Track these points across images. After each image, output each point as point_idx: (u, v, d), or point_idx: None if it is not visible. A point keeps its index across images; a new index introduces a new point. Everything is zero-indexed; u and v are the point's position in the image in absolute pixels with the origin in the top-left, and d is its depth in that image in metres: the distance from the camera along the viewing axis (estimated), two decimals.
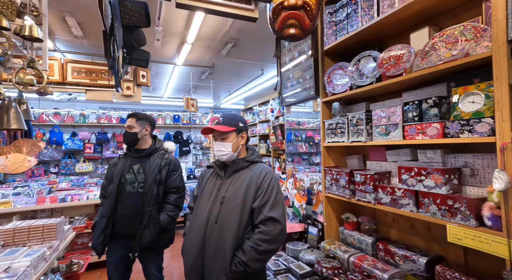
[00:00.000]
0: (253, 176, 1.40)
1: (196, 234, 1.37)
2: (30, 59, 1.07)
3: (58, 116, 6.20)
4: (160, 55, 3.74)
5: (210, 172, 1.56)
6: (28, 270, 1.52)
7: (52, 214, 3.70)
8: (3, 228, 1.93)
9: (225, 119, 1.46)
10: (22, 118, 1.12)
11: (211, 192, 1.44)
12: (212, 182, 1.49)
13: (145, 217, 1.90)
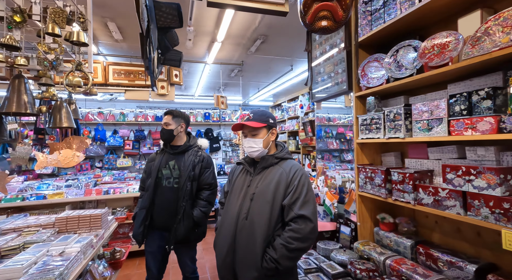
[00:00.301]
0: (283, 173, 1.39)
1: (227, 229, 1.39)
2: (78, 62, 1.17)
3: (102, 115, 6.73)
4: (192, 54, 3.86)
5: (240, 169, 1.56)
6: (79, 255, 1.67)
7: (98, 205, 4.04)
8: (58, 216, 2.14)
9: (255, 116, 1.45)
10: (72, 117, 1.23)
11: (241, 188, 1.45)
12: (242, 178, 1.50)
13: (180, 212, 1.98)
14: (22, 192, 3.74)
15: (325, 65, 2.41)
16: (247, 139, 1.46)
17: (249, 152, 1.45)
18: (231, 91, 6.51)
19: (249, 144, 1.44)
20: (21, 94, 1.05)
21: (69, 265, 1.52)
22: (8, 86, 1.04)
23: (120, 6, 2.54)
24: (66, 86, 1.17)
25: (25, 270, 1.41)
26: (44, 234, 1.92)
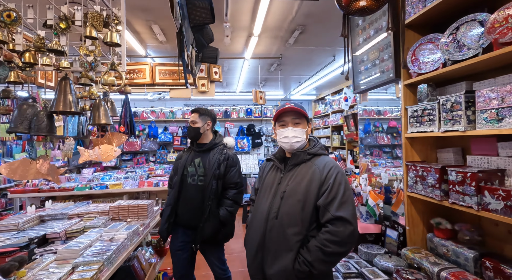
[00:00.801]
0: (316, 170, 1.28)
1: (257, 228, 1.34)
2: (112, 62, 1.26)
3: (154, 113, 7.33)
4: (230, 50, 3.90)
5: (270, 165, 1.49)
6: (125, 242, 1.83)
7: (150, 196, 4.41)
8: (112, 205, 2.39)
9: (296, 105, 1.35)
10: (109, 114, 1.34)
11: (271, 186, 1.37)
12: (272, 175, 1.42)
13: (206, 211, 1.96)
14: (90, 182, 4.28)
15: (369, 52, 2.18)
16: (288, 128, 1.33)
17: (292, 143, 1.32)
18: (272, 86, 6.44)
19: (293, 134, 1.31)
20: (66, 94, 1.18)
21: (116, 250, 1.67)
22: (56, 87, 1.18)
23: (161, 9, 2.67)
24: (102, 85, 1.27)
25: (81, 252, 1.59)
26: (100, 221, 2.15)
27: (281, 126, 1.36)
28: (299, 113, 1.35)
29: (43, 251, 1.69)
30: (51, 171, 1.47)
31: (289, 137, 1.31)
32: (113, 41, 1.16)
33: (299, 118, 1.34)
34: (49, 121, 1.24)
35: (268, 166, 1.50)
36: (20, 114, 1.21)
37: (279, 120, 1.37)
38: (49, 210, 2.43)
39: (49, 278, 1.33)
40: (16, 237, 1.78)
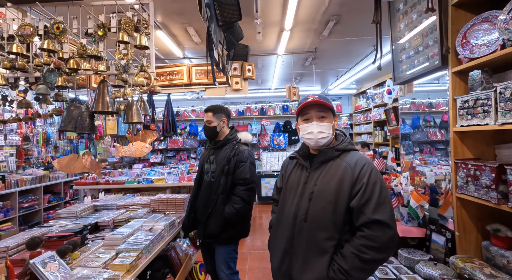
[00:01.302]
0: (347, 168, 1.18)
1: (283, 231, 1.26)
2: (141, 64, 1.35)
3: (194, 112, 7.70)
4: (263, 47, 3.88)
5: (294, 163, 1.38)
6: (163, 233, 1.96)
7: (189, 190, 4.65)
8: (152, 198, 2.58)
9: (321, 97, 1.24)
10: (141, 113, 1.44)
11: (297, 186, 1.28)
12: (297, 174, 1.32)
13: (210, 206, 1.95)
14: (138, 177, 4.67)
15: (411, 38, 1.98)
16: (312, 123, 1.22)
17: (317, 139, 1.22)
18: (308, 81, 6.26)
19: (318, 129, 1.21)
20: (104, 96, 1.31)
21: (154, 240, 1.79)
22: (96, 90, 1.31)
23: (194, 11, 2.76)
24: (133, 86, 1.37)
25: (124, 240, 1.74)
26: (142, 212, 2.34)
27: (305, 120, 1.26)
28: (324, 106, 1.23)
29: (94, 237, 1.89)
30: (93, 166, 1.65)
31: (314, 133, 1.21)
32: (142, 44, 1.24)
33: (324, 112, 1.23)
34: (91, 121, 1.39)
35: (292, 164, 1.40)
36: (68, 115, 1.38)
37: (302, 114, 1.27)
38: (102, 201, 2.72)
39: (97, 261, 1.49)
40: (74, 223, 2.04)
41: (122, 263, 1.43)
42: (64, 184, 5.71)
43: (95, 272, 1.35)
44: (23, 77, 1.35)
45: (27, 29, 1.22)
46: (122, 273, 1.37)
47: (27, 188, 4.69)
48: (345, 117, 7.73)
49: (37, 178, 4.95)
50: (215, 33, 1.73)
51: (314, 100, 1.22)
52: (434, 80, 2.69)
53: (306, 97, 1.26)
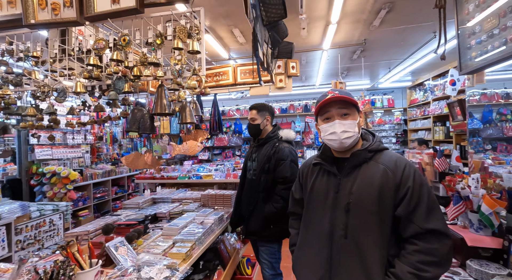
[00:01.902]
0: (386, 171, 1.03)
1: (317, 252, 1.09)
2: (193, 68, 1.44)
3: (239, 111, 7.93)
4: (307, 43, 3.79)
5: (317, 170, 1.20)
6: (213, 226, 2.07)
7: (235, 187, 4.82)
8: (202, 193, 2.74)
9: (342, 92, 1.10)
10: (193, 114, 1.54)
11: (326, 196, 1.12)
12: (323, 182, 1.15)
13: (252, 203, 1.99)
14: (188, 173, 5.01)
15: (483, 21, 1.73)
16: (334, 122, 1.07)
17: (342, 140, 1.06)
18: (355, 75, 5.92)
19: (342, 128, 1.06)
20: (162, 99, 1.44)
21: (205, 232, 1.91)
22: (155, 93, 1.45)
23: (240, 12, 2.84)
24: (186, 89, 1.47)
25: (179, 231, 1.89)
26: (194, 206, 2.51)
27: (326, 120, 1.11)
28: (347, 102, 1.08)
29: (154, 227, 2.10)
30: (153, 162, 1.83)
31: (338, 133, 1.06)
32: (194, 49, 1.33)
33: (347, 108, 1.08)
34: (151, 122, 1.55)
35: (314, 171, 1.22)
36: (133, 117, 1.56)
37: (322, 113, 1.11)
38: (159, 194, 2.99)
39: (157, 249, 1.65)
40: (137, 213, 2.28)
41: (178, 252, 1.56)
42: (127, 178, 6.42)
43: (157, 258, 1.50)
44: (98, 85, 1.58)
45: (100, 43, 1.42)
46: (179, 261, 1.49)
47: (99, 181, 5.40)
48: (398, 112, 7.11)
49: (106, 172, 5.67)
50: (260, 33, 1.75)
51: (334, 96, 1.06)
52: (510, 66, 2.34)
53: (325, 94, 1.11)
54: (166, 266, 1.42)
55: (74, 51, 1.54)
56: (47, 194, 4.41)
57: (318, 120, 1.16)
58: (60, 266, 1.05)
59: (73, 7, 1.37)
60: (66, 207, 3.47)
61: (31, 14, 1.38)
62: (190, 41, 1.40)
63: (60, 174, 4.40)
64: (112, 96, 1.50)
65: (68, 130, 5.21)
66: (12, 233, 2.68)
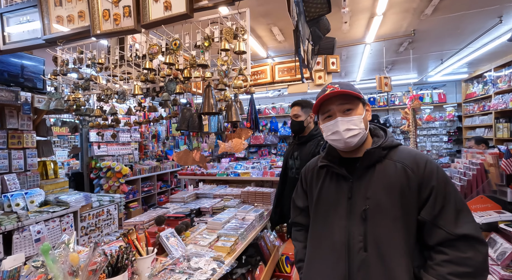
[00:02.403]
0: (405, 169, 0.90)
1: (331, 267, 0.94)
2: (240, 68, 1.47)
3: (274, 109, 7.94)
4: (349, 37, 3.63)
5: (323, 173, 1.05)
6: (254, 223, 2.11)
7: (273, 185, 4.84)
8: (243, 190, 2.80)
9: (342, 85, 0.96)
10: (239, 113, 1.59)
11: (337, 202, 0.97)
12: (332, 187, 1.00)
13: None
14: (226, 170, 5.17)
15: None
16: (336, 120, 0.94)
17: (346, 139, 0.93)
18: (401, 69, 5.52)
19: (345, 126, 0.93)
20: (209, 99, 1.51)
21: (248, 228, 1.96)
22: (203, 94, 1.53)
23: (279, 10, 2.83)
24: (233, 88, 1.51)
25: (222, 225, 1.97)
26: (234, 202, 2.58)
27: (327, 118, 0.98)
28: (349, 96, 0.94)
29: (199, 220, 2.21)
30: (202, 159, 1.93)
31: (340, 132, 0.93)
32: (240, 50, 1.37)
33: (350, 103, 0.94)
34: (199, 121, 1.64)
35: (321, 174, 1.06)
36: (182, 116, 1.67)
37: (323, 111, 0.98)
38: (201, 190, 3.14)
39: (203, 241, 1.74)
40: (182, 207, 2.43)
41: (223, 245, 1.63)
42: (170, 174, 6.85)
43: (203, 250, 1.58)
44: (152, 87, 1.72)
45: (154, 48, 1.54)
46: (224, 254, 1.56)
47: (146, 176, 5.85)
48: (451, 108, 6.46)
49: (152, 168, 6.12)
50: (303, 29, 1.73)
51: (334, 91, 0.93)
52: None
53: (324, 89, 0.98)
54: (213, 258, 1.49)
55: (132, 56, 1.70)
56: (103, 186, 4.91)
57: (320, 118, 1.02)
58: (124, 251, 1.17)
59: (131, 16, 1.50)
60: (120, 199, 3.82)
61: (97, 25, 1.54)
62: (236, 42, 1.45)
63: (114, 169, 4.87)
64: (165, 97, 1.62)
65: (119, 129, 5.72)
66: (78, 220, 3.05)
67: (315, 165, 1.09)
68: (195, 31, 1.54)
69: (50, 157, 3.57)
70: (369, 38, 3.60)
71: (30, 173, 3.15)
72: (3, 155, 2.89)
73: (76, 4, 1.63)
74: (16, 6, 1.78)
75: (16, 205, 2.75)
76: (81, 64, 1.71)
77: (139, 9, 1.49)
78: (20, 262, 1.10)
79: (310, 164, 1.15)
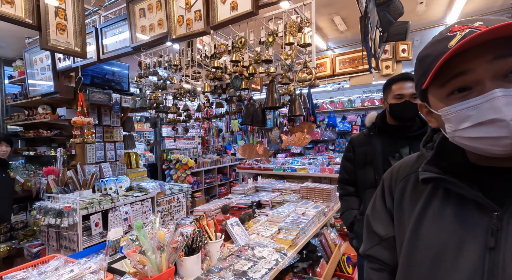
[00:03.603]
0: None
1: None
2: (304, 61, 1.45)
3: (333, 103, 7.59)
4: (424, 19, 3.20)
5: (428, 191, 0.59)
6: (314, 219, 2.08)
7: (331, 182, 4.68)
8: (302, 185, 2.78)
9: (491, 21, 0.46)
10: (302, 107, 1.57)
11: (459, 250, 0.52)
12: (449, 218, 0.55)
13: None
14: (283, 165, 5.20)
15: None
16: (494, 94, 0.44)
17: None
18: None
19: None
20: (273, 93, 1.53)
21: (308, 223, 1.94)
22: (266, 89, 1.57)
23: None
24: (297, 82, 1.50)
25: (283, 219, 1.99)
26: (293, 197, 2.58)
27: (457, 95, 0.49)
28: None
29: (260, 212, 2.29)
30: (265, 153, 1.99)
31: (508, 121, 0.43)
32: (306, 42, 1.35)
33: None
34: (263, 115, 1.69)
35: (423, 192, 0.61)
36: (247, 112, 1.75)
37: (447, 77, 0.49)
38: (260, 183, 3.24)
39: (265, 232, 1.79)
40: (243, 198, 2.55)
41: (285, 238, 1.65)
42: (229, 167, 7.23)
43: (266, 240, 1.64)
44: (219, 84, 1.86)
45: (221, 47, 1.64)
46: (286, 247, 1.58)
47: (208, 169, 6.31)
48: None
49: (213, 161, 6.56)
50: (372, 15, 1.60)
51: (480, 32, 0.42)
52: None
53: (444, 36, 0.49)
54: (275, 249, 1.52)
55: (202, 57, 1.86)
56: (173, 176, 5.49)
57: (433, 92, 0.54)
58: (197, 234, 1.29)
59: (202, 19, 1.62)
60: (187, 189, 4.21)
61: (173, 31, 1.72)
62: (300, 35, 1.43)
63: (182, 161, 5.38)
64: (232, 93, 1.72)
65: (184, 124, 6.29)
66: (154, 205, 3.48)
67: (411, 173, 0.65)
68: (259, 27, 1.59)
69: (133, 149, 4.16)
70: (451, 18, 3.11)
71: (118, 163, 3.73)
72: (100, 147, 3.49)
73: (156, 14, 1.84)
74: (111, 21, 2.10)
75: (110, 189, 3.30)
76: (160, 67, 1.96)
77: (208, 12, 1.60)
78: (119, 235, 1.31)
79: (401, 167, 0.69)
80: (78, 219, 2.63)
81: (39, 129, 3.35)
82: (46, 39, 1.52)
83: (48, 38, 1.51)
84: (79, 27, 1.64)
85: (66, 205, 2.63)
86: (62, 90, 2.77)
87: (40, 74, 2.90)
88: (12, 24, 1.40)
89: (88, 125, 2.22)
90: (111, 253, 1.26)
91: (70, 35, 1.62)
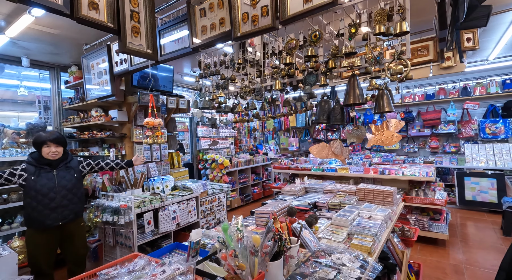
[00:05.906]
0: None
1: None
2: (399, 52, 1.33)
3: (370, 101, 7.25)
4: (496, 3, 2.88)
5: None
6: (382, 223, 1.93)
7: (374, 182, 4.43)
8: (358, 187, 2.63)
9: None
10: (391, 102, 1.44)
11: None
12: None
13: None
14: (321, 165, 5.04)
15: None
16: None
17: None
18: None
19: None
20: (355, 89, 1.43)
21: (379, 228, 1.80)
22: (347, 84, 1.46)
23: None
24: (391, 75, 1.37)
25: (349, 223, 1.87)
26: (351, 199, 2.44)
27: None
28: None
29: (318, 215, 2.18)
30: (345, 152, 1.88)
31: None
32: (403, 30, 1.23)
33: None
34: (341, 113, 1.59)
35: None
36: (321, 109, 1.66)
37: None
38: (308, 184, 3.12)
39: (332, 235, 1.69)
40: (297, 200, 2.45)
41: (361, 244, 1.54)
42: (262, 167, 7.17)
43: (339, 246, 1.53)
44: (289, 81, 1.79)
45: (291, 43, 1.57)
46: (365, 254, 1.46)
47: (242, 168, 6.29)
48: None
49: (247, 161, 6.53)
50: None
51: None
52: None
53: None
54: (355, 256, 1.42)
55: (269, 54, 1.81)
56: (209, 176, 5.53)
57: None
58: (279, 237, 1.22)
59: (269, 15, 1.55)
60: (227, 188, 4.21)
61: (237, 28, 1.67)
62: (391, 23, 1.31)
63: (218, 161, 5.41)
64: (307, 90, 1.64)
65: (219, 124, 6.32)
66: (198, 204, 3.51)
67: None
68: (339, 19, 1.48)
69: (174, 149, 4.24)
70: None
71: (163, 162, 3.80)
72: (147, 147, 3.58)
73: (218, 13, 1.80)
74: (169, 23, 2.11)
75: (157, 188, 3.37)
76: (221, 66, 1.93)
77: (277, 6, 1.53)
78: (199, 236, 1.28)
79: None
80: (133, 217, 2.71)
81: (93, 131, 3.51)
82: (126, 42, 1.55)
83: (126, 41, 1.54)
84: (150, 29, 1.66)
85: (122, 203, 2.71)
86: (118, 93, 2.86)
87: (97, 78, 3.03)
88: (93, 28, 1.44)
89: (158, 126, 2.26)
90: (193, 254, 1.24)
91: (142, 38, 1.63)
